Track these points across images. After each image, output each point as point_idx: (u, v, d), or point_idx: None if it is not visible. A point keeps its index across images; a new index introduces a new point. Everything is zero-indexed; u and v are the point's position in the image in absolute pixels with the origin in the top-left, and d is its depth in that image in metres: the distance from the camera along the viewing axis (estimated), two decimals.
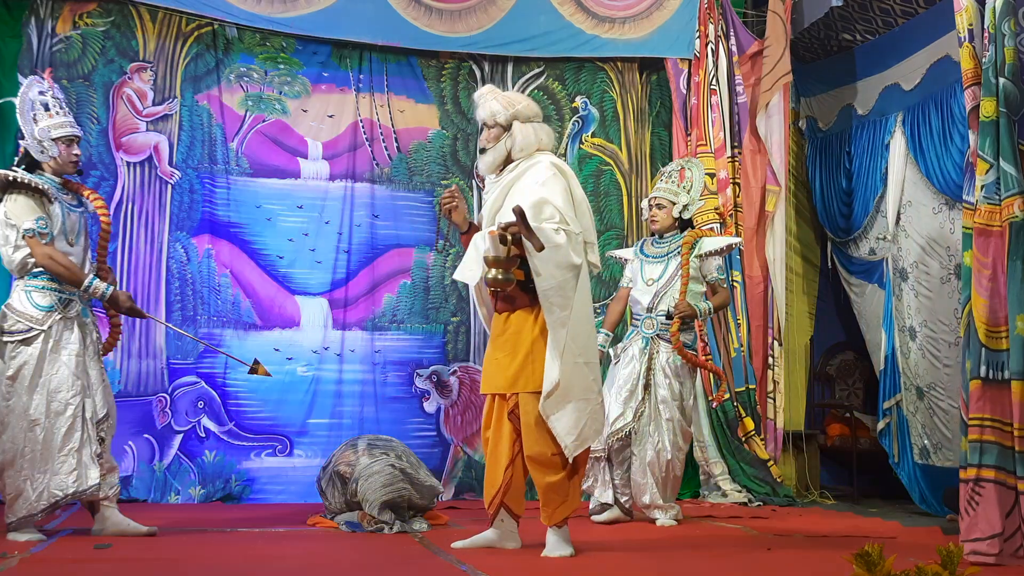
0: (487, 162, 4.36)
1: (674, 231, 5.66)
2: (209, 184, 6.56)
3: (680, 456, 5.48)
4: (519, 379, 4.18)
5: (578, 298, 4.14)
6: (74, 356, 4.48)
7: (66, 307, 4.53)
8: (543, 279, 4.07)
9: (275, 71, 6.74)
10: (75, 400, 4.45)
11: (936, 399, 6.41)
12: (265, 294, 6.61)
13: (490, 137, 4.36)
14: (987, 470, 4.05)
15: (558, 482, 4.15)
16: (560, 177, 4.24)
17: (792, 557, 4.40)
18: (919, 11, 6.51)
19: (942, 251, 6.31)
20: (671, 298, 5.46)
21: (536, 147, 4.33)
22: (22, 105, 4.62)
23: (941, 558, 3.05)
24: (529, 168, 4.28)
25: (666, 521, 5.40)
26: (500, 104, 4.34)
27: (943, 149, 6.22)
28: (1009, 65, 4.09)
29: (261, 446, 6.44)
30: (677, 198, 5.61)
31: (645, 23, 7.14)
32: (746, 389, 6.89)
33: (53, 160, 4.61)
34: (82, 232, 4.68)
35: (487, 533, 4.39)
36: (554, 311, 4.08)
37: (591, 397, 4.15)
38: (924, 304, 6.49)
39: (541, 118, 4.45)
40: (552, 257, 4.06)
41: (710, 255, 5.54)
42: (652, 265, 5.62)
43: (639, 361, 5.49)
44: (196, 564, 3.97)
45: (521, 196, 4.15)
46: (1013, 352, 4.00)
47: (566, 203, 4.19)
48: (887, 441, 6.72)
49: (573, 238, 4.13)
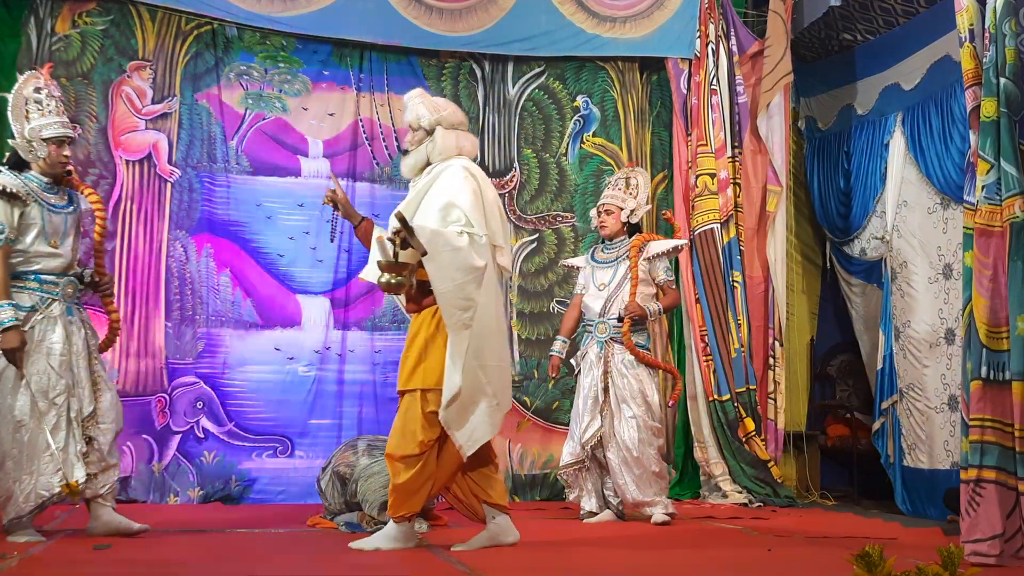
0: (408, 164, 4.49)
1: (623, 236, 5.80)
2: (208, 183, 6.56)
3: (650, 452, 5.53)
4: (412, 376, 4.26)
5: (483, 301, 4.21)
6: (57, 356, 4.46)
7: (48, 307, 4.51)
8: (439, 281, 4.15)
9: (275, 69, 6.73)
10: (59, 400, 4.43)
11: (913, 400, 6.42)
12: (266, 293, 6.60)
13: (414, 140, 4.48)
14: (988, 471, 4.04)
15: (411, 480, 4.19)
16: (471, 180, 4.32)
17: (792, 557, 4.40)
18: (919, 10, 6.50)
19: (932, 251, 6.31)
20: (621, 301, 5.61)
21: (456, 153, 4.42)
22: (15, 101, 4.59)
23: (942, 559, 3.04)
24: (443, 172, 4.36)
25: (658, 516, 5.43)
26: (426, 108, 4.46)
27: (943, 149, 6.21)
28: (1010, 65, 4.08)
29: (261, 447, 6.43)
30: (624, 203, 5.77)
31: (646, 23, 7.13)
32: (746, 389, 6.88)
33: (42, 160, 4.57)
34: (70, 233, 4.63)
35: (482, 534, 4.41)
36: (454, 314, 4.16)
37: (484, 400, 4.21)
38: (908, 304, 6.50)
39: (466, 127, 4.56)
40: (452, 260, 4.15)
41: (657, 257, 5.68)
42: (602, 270, 5.77)
43: (596, 367, 5.61)
44: (196, 565, 3.97)
45: (433, 199, 4.27)
46: (1014, 353, 3.99)
47: (474, 206, 4.26)
48: (882, 442, 6.72)
49: (476, 241, 4.21)
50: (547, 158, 7.15)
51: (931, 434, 6.27)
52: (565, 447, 5.75)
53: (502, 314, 4.46)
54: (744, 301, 6.97)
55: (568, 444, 5.72)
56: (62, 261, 4.56)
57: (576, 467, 5.64)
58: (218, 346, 6.47)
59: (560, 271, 7.05)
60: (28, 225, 4.48)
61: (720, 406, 6.81)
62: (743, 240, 7.03)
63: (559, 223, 7.12)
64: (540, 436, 6.84)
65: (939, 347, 6.24)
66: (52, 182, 4.64)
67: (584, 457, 5.59)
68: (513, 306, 6.97)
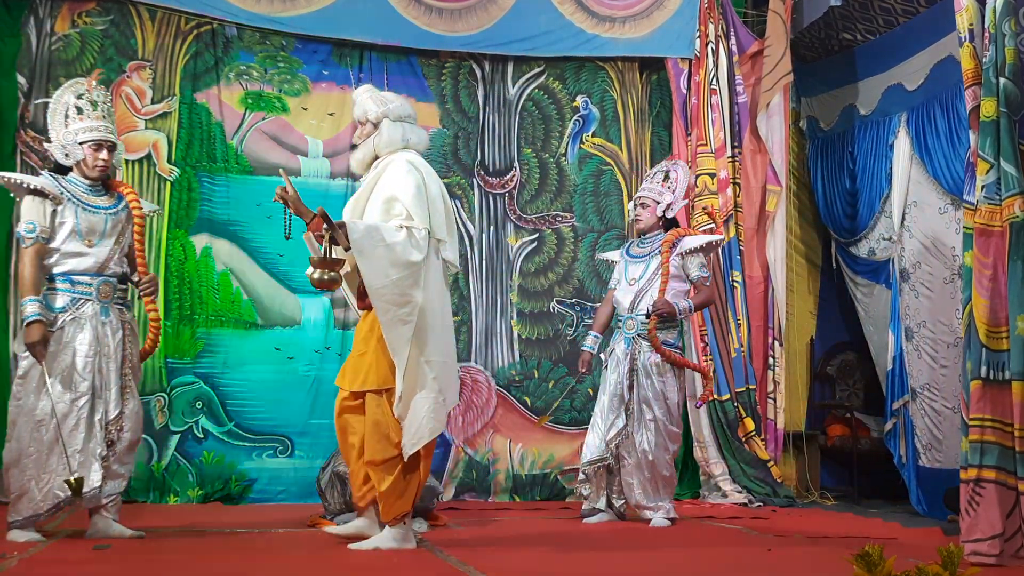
0: (357, 159, 4.49)
1: (658, 231, 5.68)
2: (208, 182, 6.55)
3: (666, 456, 5.47)
4: (366, 377, 4.25)
5: (425, 296, 4.19)
6: (83, 357, 4.44)
7: (79, 307, 4.50)
8: (372, 277, 4.14)
9: (275, 69, 6.73)
10: (81, 401, 4.42)
11: (929, 400, 6.40)
12: (265, 292, 6.60)
13: (362, 134, 4.48)
14: (988, 471, 4.04)
15: (394, 483, 4.18)
16: (414, 173, 4.30)
17: (792, 557, 4.40)
18: (920, 10, 6.50)
19: (946, 251, 6.30)
20: (651, 297, 5.48)
21: (402, 145, 4.41)
22: (55, 107, 4.62)
23: (942, 559, 3.04)
24: (388, 166, 4.35)
25: (659, 521, 5.40)
26: (373, 102, 4.45)
27: (950, 150, 6.20)
28: (1009, 65, 4.08)
29: (261, 447, 6.43)
30: (661, 198, 5.65)
31: (645, 22, 7.13)
32: (746, 389, 6.88)
33: (78, 164, 4.60)
34: (111, 234, 4.59)
35: (358, 521, 4.42)
36: (389, 310, 4.14)
37: (430, 396, 4.19)
38: (924, 304, 6.48)
39: (415, 120, 4.54)
40: (386, 255, 4.13)
41: (691, 253, 5.55)
42: (635, 265, 5.65)
43: (623, 363, 5.50)
44: (195, 565, 3.97)
45: (378, 193, 4.27)
46: (1014, 352, 3.99)
47: (416, 199, 4.24)
48: (894, 442, 6.71)
49: (415, 235, 4.19)
50: (547, 158, 7.15)
51: (948, 434, 6.24)
52: (590, 440, 5.55)
53: (447, 309, 4.43)
54: (744, 301, 6.97)
55: (592, 438, 5.53)
56: (94, 261, 4.53)
57: (599, 464, 5.48)
58: (218, 346, 6.46)
59: (560, 271, 7.05)
60: (60, 224, 4.50)
61: (720, 406, 6.81)
62: (743, 240, 7.03)
63: (559, 223, 7.12)
64: (540, 436, 6.83)
65: (956, 347, 6.21)
66: (97, 184, 4.64)
67: (608, 455, 5.45)
68: (513, 306, 6.97)
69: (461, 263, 6.88)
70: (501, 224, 7.02)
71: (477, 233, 6.96)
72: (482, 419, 6.79)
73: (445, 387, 4.26)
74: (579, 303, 6.99)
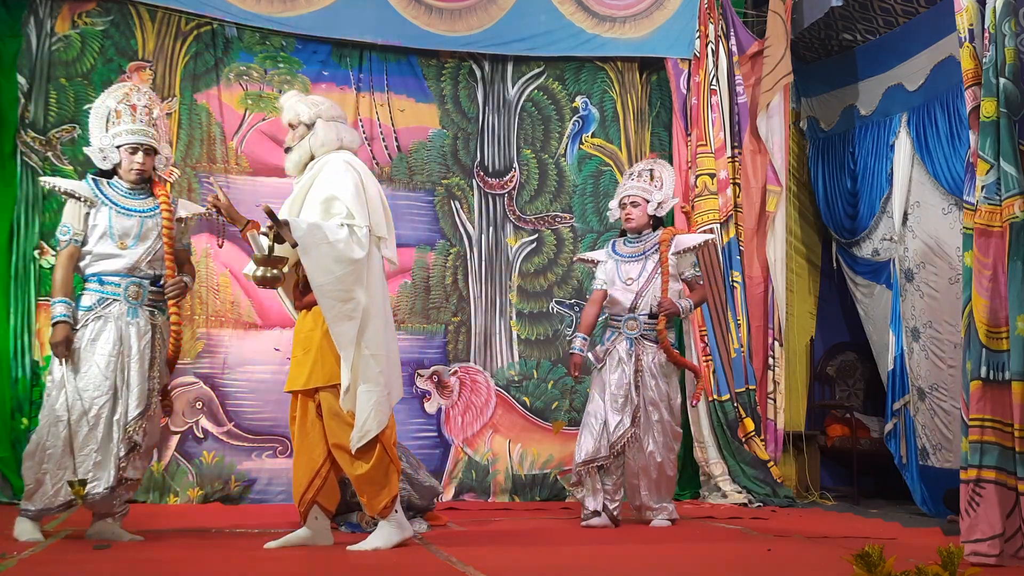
0: (292, 161, 4.51)
1: (649, 229, 5.65)
2: (208, 183, 6.55)
3: (671, 457, 5.47)
4: (313, 374, 4.27)
5: (367, 292, 4.23)
6: (106, 356, 4.45)
7: (105, 307, 4.51)
8: (316, 274, 4.17)
9: (275, 70, 6.73)
10: (100, 400, 4.42)
11: (938, 400, 6.40)
12: (265, 293, 6.58)
13: (295, 136, 4.52)
14: (988, 471, 4.04)
15: (369, 471, 4.20)
16: (352, 172, 4.34)
17: (792, 557, 4.40)
18: (920, 11, 6.51)
19: (951, 252, 6.29)
20: (653, 297, 5.45)
21: (337, 145, 4.47)
22: (98, 111, 4.66)
23: (942, 559, 3.04)
24: (325, 166, 4.39)
25: (660, 522, 5.40)
26: (304, 105, 4.51)
27: (951, 150, 6.20)
28: (1009, 65, 4.08)
29: (261, 447, 6.42)
30: (651, 195, 5.61)
31: (645, 23, 7.13)
32: (746, 390, 6.88)
33: (115, 167, 4.65)
34: (147, 236, 4.61)
35: (300, 532, 4.41)
36: (334, 306, 4.18)
37: (375, 389, 4.21)
38: (930, 305, 6.48)
39: (345, 120, 4.61)
40: (329, 252, 4.17)
41: (685, 252, 5.54)
42: (629, 264, 5.58)
43: (627, 364, 5.45)
44: (195, 565, 3.96)
45: (316, 193, 4.31)
46: (1013, 353, 3.99)
47: (356, 198, 4.28)
48: (895, 443, 6.71)
49: (357, 233, 4.23)
50: (546, 158, 7.15)
51: (957, 434, 6.22)
52: (583, 442, 5.46)
53: (388, 304, 4.46)
54: (744, 301, 6.97)
55: (586, 439, 5.44)
56: (124, 262, 4.55)
57: (595, 464, 5.42)
58: (217, 346, 6.46)
59: (559, 271, 7.05)
60: (93, 227, 4.56)
61: (720, 406, 6.82)
62: (743, 240, 7.03)
63: (558, 223, 7.12)
64: (540, 436, 6.83)
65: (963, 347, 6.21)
66: (138, 187, 4.68)
67: (609, 456, 5.40)
68: (513, 306, 6.97)
69: (461, 263, 6.90)
70: (500, 225, 7.02)
71: (476, 234, 6.96)
72: (481, 419, 6.79)
73: (390, 381, 4.30)
74: (578, 304, 6.99)
